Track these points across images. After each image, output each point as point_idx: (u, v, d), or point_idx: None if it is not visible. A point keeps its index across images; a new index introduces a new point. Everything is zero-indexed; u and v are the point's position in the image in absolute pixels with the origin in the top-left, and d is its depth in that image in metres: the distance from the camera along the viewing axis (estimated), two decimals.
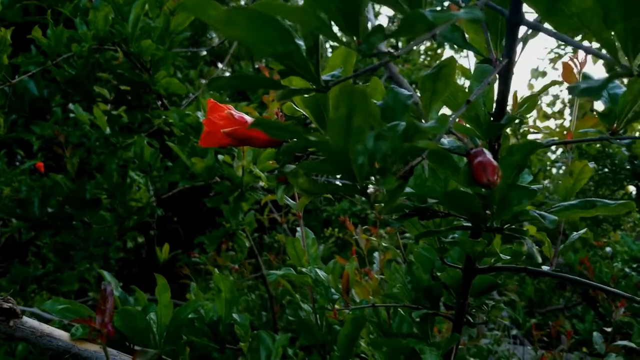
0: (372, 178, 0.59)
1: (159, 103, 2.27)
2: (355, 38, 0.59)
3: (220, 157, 1.78)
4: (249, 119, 1.00)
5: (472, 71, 1.02)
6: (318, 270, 1.23)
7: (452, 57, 0.69)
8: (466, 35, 0.92)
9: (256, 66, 5.98)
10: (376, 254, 1.61)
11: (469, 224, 0.91)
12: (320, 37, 0.65)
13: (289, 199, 1.43)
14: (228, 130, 0.97)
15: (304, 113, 1.00)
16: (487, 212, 0.88)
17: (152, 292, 3.34)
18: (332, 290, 1.23)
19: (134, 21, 1.91)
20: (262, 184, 1.96)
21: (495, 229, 0.91)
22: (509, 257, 1.10)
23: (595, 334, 2.25)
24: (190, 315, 1.20)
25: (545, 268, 1.12)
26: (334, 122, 0.52)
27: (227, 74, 5.55)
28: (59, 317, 1.05)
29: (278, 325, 2.89)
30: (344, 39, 0.61)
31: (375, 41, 0.57)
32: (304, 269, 1.25)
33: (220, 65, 6.33)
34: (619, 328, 2.36)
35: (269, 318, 2.98)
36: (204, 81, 5.45)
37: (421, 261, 1.32)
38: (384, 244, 1.48)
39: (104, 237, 2.35)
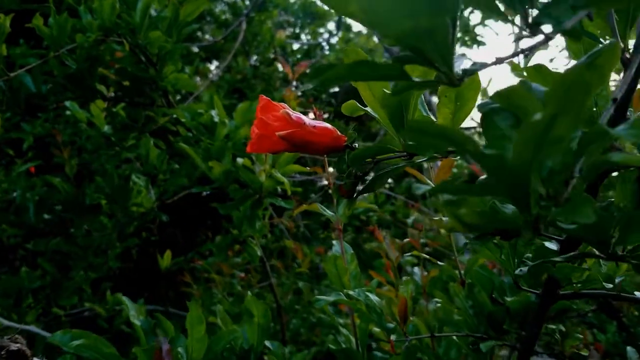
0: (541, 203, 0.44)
1: (164, 100, 2.09)
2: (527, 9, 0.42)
3: (239, 160, 1.61)
4: (308, 120, 0.84)
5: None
6: (370, 295, 1.07)
7: (616, 43, 0.53)
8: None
9: (252, 62, 5.80)
10: (416, 269, 1.45)
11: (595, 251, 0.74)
12: None
13: (326, 210, 1.27)
14: (284, 133, 0.80)
15: (373, 114, 0.83)
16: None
17: (153, 300, 3.14)
18: (386, 316, 1.06)
19: (143, 10, 1.73)
20: (279, 189, 1.80)
21: (619, 257, 0.75)
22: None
23: (628, 348, 2.11)
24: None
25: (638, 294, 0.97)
26: (529, 129, 0.36)
27: (212, 71, 5.37)
28: (75, 352, 0.87)
29: (286, 336, 2.73)
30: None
31: (560, 14, 0.41)
32: (351, 292, 1.09)
33: (215, 62, 6.15)
34: None
35: (276, 329, 2.81)
36: (198, 79, 5.27)
37: (482, 283, 1.16)
38: (425, 255, 1.32)
39: (104, 244, 2.17)
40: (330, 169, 1.30)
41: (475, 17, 4.58)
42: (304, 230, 4.07)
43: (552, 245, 0.99)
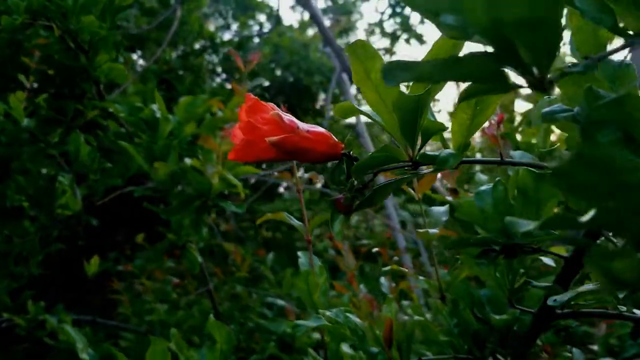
0: None
1: (96, 92, 1.90)
2: None
3: (187, 160, 1.45)
4: (300, 124, 0.71)
5: None
6: (350, 316, 0.96)
7: None
8: None
9: (178, 53, 5.55)
10: (383, 280, 1.36)
11: None
12: None
13: (294, 219, 1.15)
14: (276, 139, 0.68)
15: (374, 118, 0.72)
16: None
17: (78, 308, 2.90)
18: (368, 340, 0.96)
19: None
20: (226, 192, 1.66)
21: None
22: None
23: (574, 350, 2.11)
24: None
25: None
26: None
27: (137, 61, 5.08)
28: None
29: None
30: None
31: None
32: (328, 313, 0.97)
33: (139, 52, 5.84)
34: None
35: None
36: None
37: (463, 299, 1.08)
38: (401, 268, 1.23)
39: (26, 251, 1.95)
40: (301, 174, 1.18)
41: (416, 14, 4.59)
42: (236, 230, 3.91)
43: (549, 262, 0.92)
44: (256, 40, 5.88)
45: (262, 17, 6.46)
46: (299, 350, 2.13)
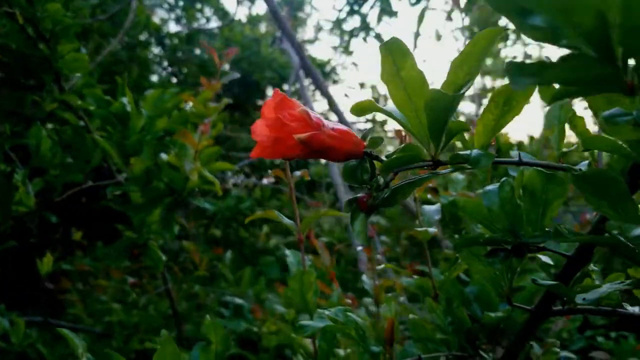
0: None
1: (56, 84, 1.81)
2: None
3: (163, 156, 1.41)
4: (328, 122, 0.70)
5: None
6: (350, 315, 0.95)
7: None
8: None
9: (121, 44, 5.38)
10: (365, 277, 1.36)
11: None
12: None
13: (286, 218, 1.13)
14: (304, 137, 0.66)
15: (396, 117, 0.71)
16: None
17: (31, 308, 2.78)
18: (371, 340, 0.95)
19: None
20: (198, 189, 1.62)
21: None
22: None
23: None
24: None
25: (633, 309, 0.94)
26: None
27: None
28: None
29: (184, 345, 2.53)
30: None
31: None
32: (327, 312, 0.96)
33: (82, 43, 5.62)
34: None
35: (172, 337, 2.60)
36: None
37: (454, 297, 1.09)
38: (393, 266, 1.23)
39: None
40: (296, 174, 1.16)
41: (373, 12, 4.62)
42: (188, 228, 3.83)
43: (548, 260, 0.94)
44: (215, 31, 5.77)
45: (208, 11, 6.35)
46: (266, 349, 2.11)
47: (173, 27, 6.58)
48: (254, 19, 5.88)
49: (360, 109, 0.75)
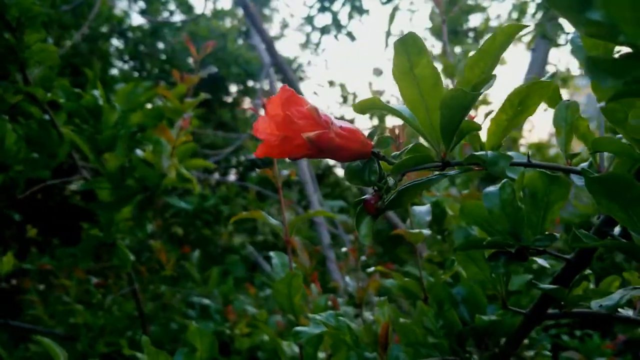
0: None
1: (21, 75, 1.73)
2: None
3: (138, 152, 1.35)
4: (336, 120, 0.66)
5: None
6: (343, 320, 0.92)
7: None
8: None
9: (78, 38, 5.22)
10: (348, 279, 1.33)
11: None
12: None
13: (272, 219, 1.09)
14: (313, 135, 0.63)
15: (404, 115, 0.68)
16: None
17: None
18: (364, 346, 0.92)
19: None
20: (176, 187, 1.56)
21: None
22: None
23: None
24: None
25: (625, 313, 0.94)
26: None
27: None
28: None
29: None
30: None
31: None
32: (318, 317, 0.93)
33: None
34: None
35: (135, 341, 2.52)
36: None
37: (444, 300, 1.07)
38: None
39: None
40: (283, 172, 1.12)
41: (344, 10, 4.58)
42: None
43: (544, 262, 0.93)
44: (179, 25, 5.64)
45: (172, 5, 6.22)
46: (238, 351, 2.06)
47: (136, 20, 6.45)
48: (220, 13, 5.79)
49: (364, 107, 0.72)
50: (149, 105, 1.73)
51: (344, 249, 1.52)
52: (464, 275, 1.07)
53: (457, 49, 5.51)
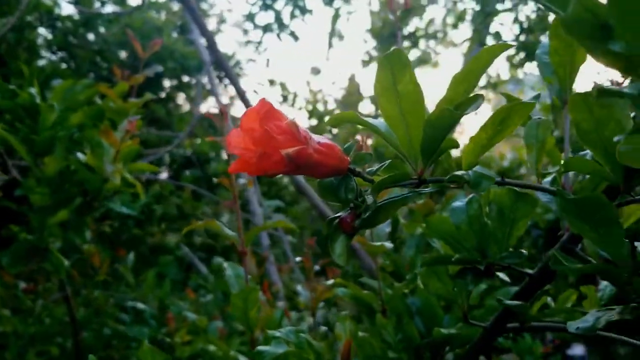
0: None
1: None
2: None
3: (80, 156, 1.27)
4: (314, 136, 0.63)
5: None
6: (304, 336, 0.89)
7: None
8: None
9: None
10: (300, 288, 1.30)
11: None
12: None
13: (227, 229, 1.05)
14: (292, 152, 0.60)
15: (380, 132, 0.67)
16: None
17: None
18: None
19: None
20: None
21: None
22: None
23: None
24: None
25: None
26: None
27: None
28: None
29: (83, 355, 2.34)
30: None
31: None
32: (278, 334, 0.90)
33: None
34: None
35: (66, 348, 2.40)
36: None
37: (401, 312, 1.06)
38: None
39: None
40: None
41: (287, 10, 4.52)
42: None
43: (505, 277, 0.93)
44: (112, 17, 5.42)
45: None
46: (178, 359, 1.99)
47: (66, 9, 6.16)
48: (155, 5, 5.62)
49: (340, 120, 0.70)
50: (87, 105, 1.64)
51: (298, 259, 1.49)
52: (420, 287, 1.06)
53: None
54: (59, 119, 1.39)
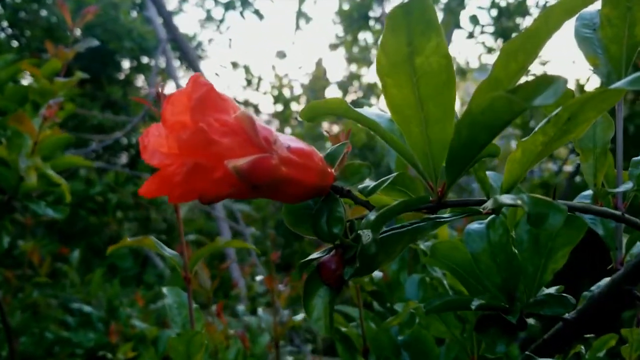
0: None
1: None
2: None
3: None
4: (282, 137, 0.40)
5: None
6: None
7: None
8: None
9: None
10: (262, 313, 1.07)
11: None
12: None
13: (167, 248, 0.81)
14: (245, 163, 0.36)
15: (378, 129, 0.44)
16: None
17: None
18: None
19: None
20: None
21: None
22: None
23: None
24: None
25: None
26: None
27: None
28: None
29: None
30: None
31: None
32: None
33: None
34: None
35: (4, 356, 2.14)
36: None
37: (384, 350, 0.84)
38: None
39: None
40: None
41: None
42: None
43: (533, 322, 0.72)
44: None
45: None
46: None
47: None
48: None
49: (317, 111, 0.46)
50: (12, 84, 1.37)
51: (258, 278, 1.25)
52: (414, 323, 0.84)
53: (366, 36, 5.35)
54: None
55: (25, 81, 1.63)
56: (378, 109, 0.48)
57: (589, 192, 0.62)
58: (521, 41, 0.38)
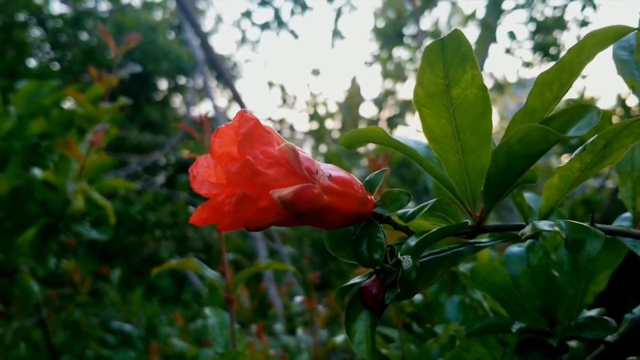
0: None
1: None
2: None
3: (36, 172, 1.06)
4: (324, 166, 0.42)
5: None
6: None
7: None
8: None
9: None
10: (301, 333, 1.08)
11: None
12: None
13: (209, 269, 0.83)
14: (289, 193, 0.38)
15: (415, 155, 0.45)
16: None
17: None
18: None
19: None
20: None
21: None
22: None
23: None
24: None
25: None
26: None
27: None
28: None
29: None
30: None
31: None
32: None
33: None
34: None
35: None
36: None
37: None
38: None
39: None
40: None
41: None
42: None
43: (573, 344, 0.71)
44: (106, 16, 5.21)
45: None
46: None
47: (57, 8, 5.95)
48: (150, 4, 5.39)
49: (356, 139, 0.48)
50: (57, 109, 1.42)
51: (298, 299, 1.27)
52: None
53: (401, 53, 5.35)
54: (16, 126, 1.17)
55: (68, 103, 1.69)
56: (415, 130, 0.49)
57: (629, 214, 0.62)
58: (556, 72, 0.39)
